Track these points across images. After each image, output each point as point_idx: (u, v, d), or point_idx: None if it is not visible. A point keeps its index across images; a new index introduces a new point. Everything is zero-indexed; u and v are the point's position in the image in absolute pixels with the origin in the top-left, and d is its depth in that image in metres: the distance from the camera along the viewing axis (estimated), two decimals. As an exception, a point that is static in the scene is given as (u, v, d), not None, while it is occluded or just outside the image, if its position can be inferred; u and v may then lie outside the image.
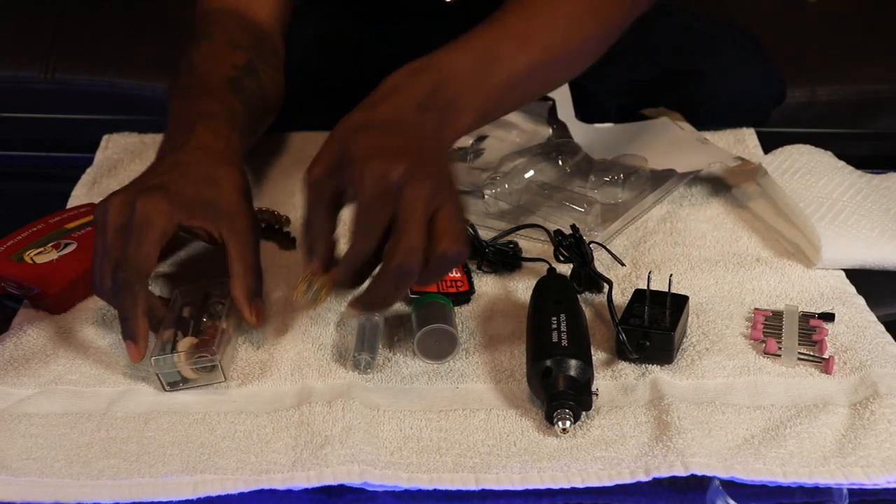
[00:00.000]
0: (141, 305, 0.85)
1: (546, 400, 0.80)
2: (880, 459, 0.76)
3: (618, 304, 0.90)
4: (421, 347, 0.88)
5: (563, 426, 0.78)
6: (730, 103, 1.30)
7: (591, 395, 0.81)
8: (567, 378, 0.80)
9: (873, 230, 1.00)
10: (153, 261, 0.86)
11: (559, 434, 0.79)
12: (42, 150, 1.29)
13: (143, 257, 0.85)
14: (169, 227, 0.87)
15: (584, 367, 0.81)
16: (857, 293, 0.96)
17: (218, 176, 0.92)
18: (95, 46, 1.89)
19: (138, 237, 0.85)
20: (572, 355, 0.82)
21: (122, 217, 0.87)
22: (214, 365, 0.84)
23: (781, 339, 0.89)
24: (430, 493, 0.76)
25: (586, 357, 0.83)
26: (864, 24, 1.96)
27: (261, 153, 1.22)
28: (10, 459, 0.77)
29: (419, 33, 1.29)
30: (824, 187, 1.05)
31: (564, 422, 0.78)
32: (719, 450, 0.77)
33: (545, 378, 0.81)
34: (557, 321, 0.85)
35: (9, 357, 0.88)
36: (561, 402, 0.79)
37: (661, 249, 1.03)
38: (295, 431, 0.80)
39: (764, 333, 0.90)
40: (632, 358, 0.86)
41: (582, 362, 0.81)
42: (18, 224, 1.01)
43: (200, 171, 0.92)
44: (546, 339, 0.84)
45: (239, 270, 0.89)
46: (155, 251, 0.86)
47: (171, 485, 0.75)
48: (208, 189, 0.91)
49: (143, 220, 0.86)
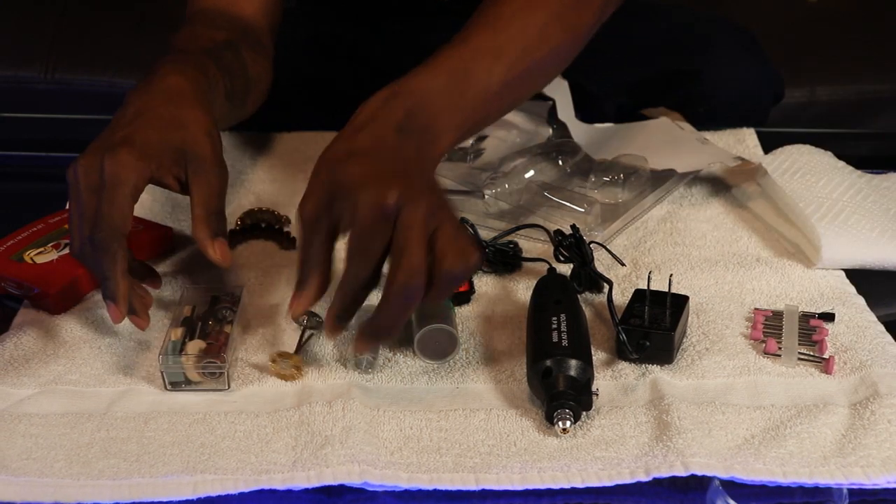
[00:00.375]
0: (120, 265, 0.85)
1: (546, 400, 0.80)
2: (880, 459, 0.76)
3: (618, 304, 0.90)
4: (421, 347, 0.88)
5: (564, 426, 0.78)
6: (729, 103, 1.30)
7: (591, 395, 0.81)
8: (567, 378, 0.80)
9: (873, 230, 1.00)
10: (129, 219, 0.86)
11: (559, 434, 0.79)
12: (42, 150, 1.28)
13: (118, 216, 0.85)
14: (140, 182, 0.88)
15: (584, 367, 0.81)
16: (857, 293, 0.96)
17: (183, 118, 0.92)
18: (95, 46, 1.89)
19: (111, 196, 0.85)
20: (572, 355, 0.82)
21: (93, 177, 0.86)
22: (222, 373, 0.84)
23: (781, 339, 0.89)
24: (430, 493, 0.76)
25: (586, 357, 0.83)
26: (864, 24, 1.96)
27: (260, 153, 1.22)
28: (10, 459, 0.77)
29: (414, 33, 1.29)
30: (824, 187, 1.05)
31: (564, 422, 0.78)
32: (719, 450, 0.77)
33: (545, 378, 0.81)
34: (557, 321, 0.85)
35: (9, 357, 0.88)
36: (561, 402, 0.79)
37: (661, 249, 1.03)
38: (295, 431, 0.80)
39: (764, 333, 0.90)
40: (632, 358, 0.86)
41: (582, 362, 0.81)
42: (18, 224, 1.01)
43: (165, 115, 0.91)
44: (546, 338, 0.84)
45: (201, 214, 0.89)
46: (129, 208, 0.86)
47: (171, 485, 0.75)
48: (175, 133, 0.90)
49: (114, 178, 0.86)
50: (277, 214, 1.08)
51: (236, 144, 1.24)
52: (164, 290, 0.96)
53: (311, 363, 0.88)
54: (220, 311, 0.89)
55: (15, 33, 1.92)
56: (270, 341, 0.90)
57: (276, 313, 0.94)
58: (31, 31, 1.92)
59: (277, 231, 1.06)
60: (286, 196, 1.13)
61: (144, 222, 1.03)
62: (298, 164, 1.20)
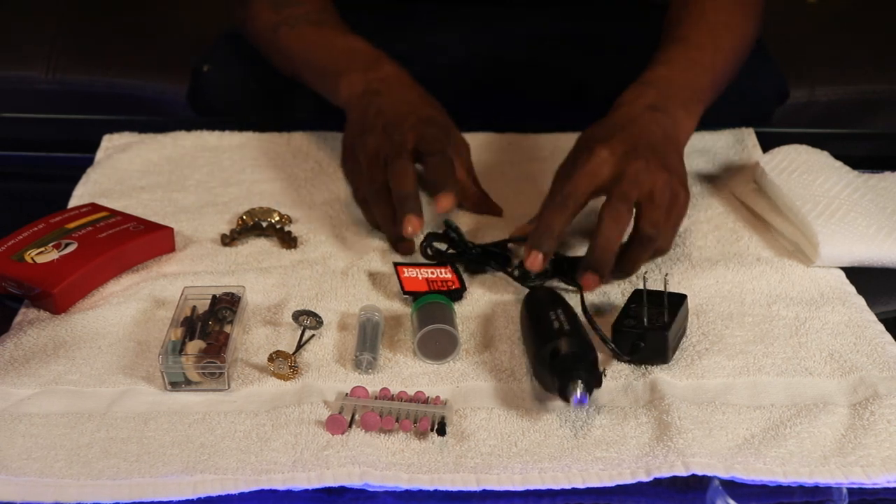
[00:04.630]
0: (414, 180, 1.00)
1: (557, 376, 0.80)
2: (880, 459, 0.76)
3: (616, 306, 0.90)
4: (421, 348, 0.88)
5: (580, 395, 0.78)
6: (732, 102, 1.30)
7: (600, 373, 0.81)
8: (575, 355, 0.81)
9: (870, 227, 1.00)
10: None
11: (574, 409, 0.80)
12: (42, 150, 1.28)
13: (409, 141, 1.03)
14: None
15: (589, 347, 0.82)
16: (857, 293, 0.96)
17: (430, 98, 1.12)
18: (95, 46, 1.89)
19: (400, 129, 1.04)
20: (577, 335, 0.83)
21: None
22: (222, 373, 0.84)
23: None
24: (430, 494, 0.76)
25: (589, 341, 0.83)
26: (864, 24, 1.96)
27: (260, 153, 1.22)
28: (10, 459, 0.77)
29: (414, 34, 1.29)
30: (821, 185, 1.05)
31: (580, 390, 0.78)
32: (720, 450, 0.77)
33: (553, 359, 0.81)
34: (556, 314, 0.86)
35: (9, 357, 0.88)
36: (573, 374, 0.79)
37: (661, 250, 1.03)
38: (295, 431, 0.80)
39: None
40: (624, 360, 0.87)
41: (586, 342, 0.82)
42: (19, 224, 1.01)
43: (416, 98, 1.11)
44: (548, 327, 0.84)
45: (463, 176, 1.08)
46: (414, 140, 1.04)
47: (171, 485, 0.75)
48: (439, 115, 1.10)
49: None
50: (278, 214, 1.08)
51: (236, 144, 1.24)
52: (165, 290, 0.96)
53: (312, 363, 0.88)
54: (220, 311, 0.89)
55: (15, 33, 1.92)
56: (270, 341, 0.90)
57: (276, 313, 0.94)
58: (31, 31, 1.91)
59: (278, 231, 1.06)
60: (286, 196, 1.13)
61: (145, 222, 1.03)
62: (299, 164, 1.20)
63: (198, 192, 1.14)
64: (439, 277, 0.96)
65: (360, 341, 0.88)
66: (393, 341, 0.91)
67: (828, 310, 0.93)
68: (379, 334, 0.90)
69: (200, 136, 1.24)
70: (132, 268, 1.00)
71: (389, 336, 0.91)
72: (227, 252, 1.03)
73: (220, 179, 1.17)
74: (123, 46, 1.88)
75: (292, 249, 1.04)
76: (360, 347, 0.87)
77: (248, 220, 1.07)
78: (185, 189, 1.15)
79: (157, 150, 1.21)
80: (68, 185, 1.14)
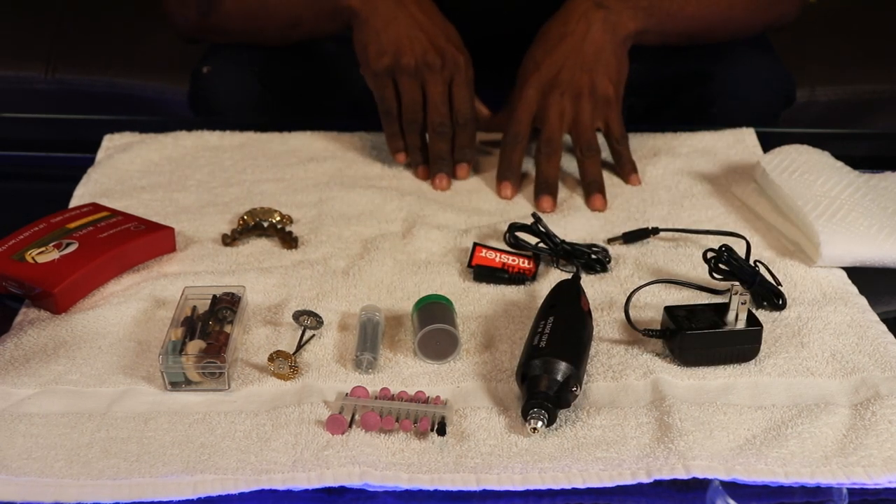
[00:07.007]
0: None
1: (525, 399, 0.80)
2: (882, 459, 0.76)
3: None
4: (422, 348, 0.88)
5: (534, 426, 0.78)
6: (740, 103, 1.31)
7: (569, 393, 0.80)
8: (541, 379, 0.80)
9: (871, 227, 1.00)
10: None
11: (530, 434, 0.79)
12: (42, 150, 1.28)
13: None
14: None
15: (562, 366, 0.81)
16: (858, 293, 0.96)
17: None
18: (95, 46, 1.89)
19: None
20: (550, 354, 0.82)
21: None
22: (222, 373, 0.84)
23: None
24: (430, 494, 0.76)
25: (568, 356, 0.82)
26: (864, 24, 1.96)
27: (260, 153, 1.22)
28: (10, 459, 0.77)
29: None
30: (822, 185, 1.05)
31: (536, 422, 0.78)
32: (721, 451, 0.77)
33: (523, 382, 0.82)
34: (544, 325, 0.85)
35: (9, 357, 0.88)
36: (532, 402, 0.79)
37: (662, 251, 1.03)
38: (295, 431, 0.80)
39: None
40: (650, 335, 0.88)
41: (560, 361, 0.81)
42: (19, 224, 1.01)
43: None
44: (529, 341, 0.84)
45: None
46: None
47: (171, 485, 0.75)
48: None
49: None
50: (279, 214, 1.08)
51: (237, 144, 1.24)
52: (165, 290, 0.96)
53: (312, 363, 0.88)
54: (220, 311, 0.89)
55: (15, 33, 1.92)
56: (271, 341, 0.90)
57: (276, 313, 0.94)
58: (32, 31, 1.92)
59: (278, 231, 1.06)
60: (286, 196, 1.13)
61: (145, 222, 1.03)
62: (300, 165, 1.20)
63: (199, 192, 1.14)
64: (518, 265, 0.99)
65: (361, 341, 0.88)
66: (393, 341, 0.90)
67: (830, 310, 0.93)
68: (379, 334, 0.89)
69: (201, 136, 1.25)
70: (133, 268, 1.00)
71: (390, 336, 0.91)
72: (227, 252, 1.03)
73: (221, 179, 1.17)
74: (123, 46, 1.89)
75: (293, 249, 1.04)
76: (361, 347, 0.87)
77: (249, 220, 1.07)
78: (186, 189, 1.15)
79: (158, 150, 1.21)
80: (69, 185, 1.14)
